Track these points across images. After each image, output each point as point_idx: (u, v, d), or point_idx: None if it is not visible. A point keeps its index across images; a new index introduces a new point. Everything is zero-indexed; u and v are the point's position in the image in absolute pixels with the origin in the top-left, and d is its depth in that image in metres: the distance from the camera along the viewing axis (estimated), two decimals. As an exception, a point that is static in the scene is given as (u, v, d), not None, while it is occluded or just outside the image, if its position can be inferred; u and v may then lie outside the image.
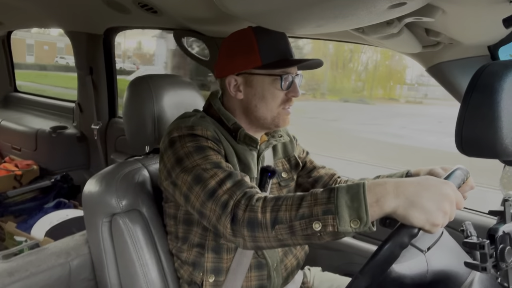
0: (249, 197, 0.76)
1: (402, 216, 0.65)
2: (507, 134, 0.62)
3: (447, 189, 0.66)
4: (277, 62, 0.95)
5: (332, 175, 1.21)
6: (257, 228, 0.73)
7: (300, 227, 0.70)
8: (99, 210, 1.06)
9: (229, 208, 0.76)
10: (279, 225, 0.71)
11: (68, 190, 2.39)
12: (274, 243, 0.74)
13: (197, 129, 0.91)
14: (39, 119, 2.71)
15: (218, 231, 0.79)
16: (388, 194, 0.66)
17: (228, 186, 0.79)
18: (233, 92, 0.99)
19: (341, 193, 0.68)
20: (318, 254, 1.50)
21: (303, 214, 0.69)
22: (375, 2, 0.71)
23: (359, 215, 0.66)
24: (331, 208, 0.67)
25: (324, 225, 0.68)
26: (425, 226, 0.65)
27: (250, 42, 0.96)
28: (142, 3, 1.47)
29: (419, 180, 0.68)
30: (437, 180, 0.68)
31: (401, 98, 10.96)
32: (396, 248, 0.65)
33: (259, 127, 1.02)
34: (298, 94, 0.98)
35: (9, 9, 2.19)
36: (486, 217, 1.26)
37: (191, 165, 0.85)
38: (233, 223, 0.75)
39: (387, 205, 0.66)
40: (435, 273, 0.79)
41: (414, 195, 0.65)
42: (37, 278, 1.06)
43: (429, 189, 0.66)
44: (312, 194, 0.72)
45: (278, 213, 0.72)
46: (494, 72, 0.63)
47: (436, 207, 0.64)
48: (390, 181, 0.68)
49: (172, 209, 1.01)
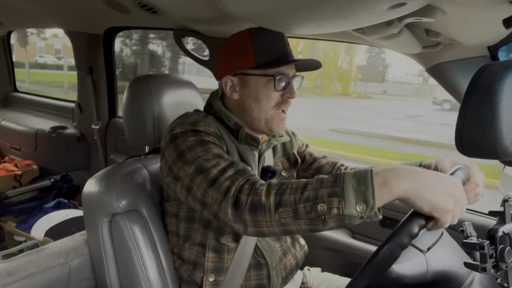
0: (253, 182, 0.76)
1: (412, 200, 0.65)
2: (507, 135, 0.62)
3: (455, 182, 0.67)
4: (271, 62, 0.95)
5: (334, 163, 1.20)
6: (260, 212, 0.72)
7: (304, 210, 0.69)
8: (99, 210, 1.06)
9: (231, 193, 0.75)
10: (282, 208, 0.70)
11: (68, 190, 2.39)
12: (277, 228, 0.73)
13: (199, 125, 0.91)
14: (39, 119, 2.71)
15: (219, 219, 0.78)
16: (398, 177, 0.66)
17: (230, 174, 0.79)
18: (229, 93, 1.00)
19: (348, 177, 0.68)
20: (317, 255, 1.50)
21: (308, 197, 0.69)
22: (375, 2, 0.71)
23: (366, 198, 0.65)
24: (336, 190, 0.67)
25: (329, 207, 0.66)
26: (435, 211, 0.64)
27: (245, 43, 0.96)
28: (142, 3, 1.47)
29: (428, 170, 0.69)
30: (446, 174, 0.70)
31: (355, 93, 11.77)
32: (397, 248, 0.64)
33: (255, 129, 1.01)
34: (294, 96, 0.98)
35: (9, 9, 2.18)
36: (486, 218, 1.26)
37: (192, 157, 0.85)
38: (235, 208, 0.74)
39: (396, 187, 0.65)
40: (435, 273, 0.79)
41: (426, 178, 0.65)
42: (37, 278, 1.06)
43: (439, 176, 0.67)
44: (318, 178, 0.71)
45: (282, 196, 0.71)
46: (494, 72, 0.63)
47: (448, 191, 0.65)
48: (401, 166, 0.68)
49: (174, 207, 1.01)
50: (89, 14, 1.93)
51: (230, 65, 0.99)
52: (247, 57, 0.95)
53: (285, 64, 0.96)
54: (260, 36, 0.96)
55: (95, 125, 2.27)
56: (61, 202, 2.25)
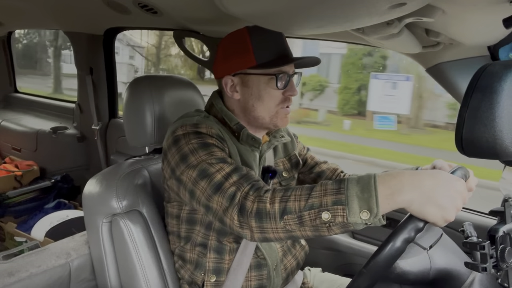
0: (257, 189, 0.76)
1: (417, 211, 0.65)
2: (507, 135, 0.62)
3: (461, 186, 0.67)
4: (272, 61, 0.94)
5: (335, 169, 1.20)
6: (266, 219, 0.72)
7: (309, 217, 0.69)
8: (99, 211, 1.06)
9: (237, 200, 0.76)
10: (287, 215, 0.71)
11: (68, 190, 2.39)
12: (282, 235, 0.73)
13: (201, 127, 0.91)
14: (39, 119, 2.71)
15: (224, 224, 0.79)
16: (403, 188, 0.66)
17: (235, 179, 0.79)
18: (229, 93, 0.99)
19: (352, 184, 0.68)
20: (318, 255, 1.50)
21: (313, 205, 0.69)
22: (375, 2, 0.71)
23: (370, 206, 0.65)
24: (341, 198, 0.67)
25: (334, 216, 0.67)
26: (438, 221, 0.65)
27: (244, 42, 0.95)
28: (142, 3, 1.47)
29: (434, 174, 0.68)
30: (450, 176, 0.69)
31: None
32: (402, 242, 0.65)
33: (258, 127, 1.01)
34: (295, 93, 0.98)
35: (9, 10, 2.19)
36: (486, 218, 1.26)
37: (196, 161, 0.84)
38: (241, 214, 0.75)
39: (401, 199, 0.65)
40: (438, 271, 0.79)
41: (430, 190, 0.65)
42: (37, 279, 1.06)
43: (444, 184, 0.66)
44: (322, 184, 0.71)
45: (287, 204, 0.71)
46: (494, 72, 0.63)
47: (451, 204, 0.65)
48: (405, 174, 0.68)
49: (175, 208, 1.01)
50: (89, 15, 1.93)
51: (229, 65, 0.98)
52: (247, 57, 0.94)
53: (287, 63, 0.96)
54: (259, 34, 0.96)
55: (95, 126, 2.27)
56: (62, 202, 2.26)
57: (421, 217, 0.65)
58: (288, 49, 0.99)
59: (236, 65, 0.97)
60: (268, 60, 0.94)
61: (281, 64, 0.95)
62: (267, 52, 0.95)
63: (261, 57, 0.94)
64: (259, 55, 0.94)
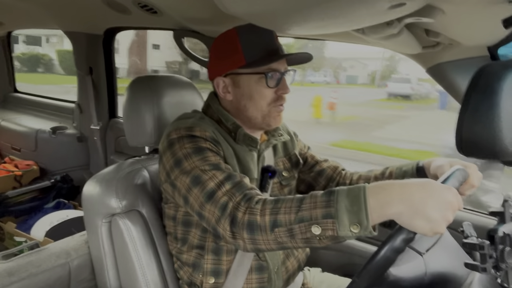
0: (249, 199, 0.76)
1: (405, 224, 0.65)
2: (507, 135, 0.62)
3: (451, 197, 0.65)
4: (261, 59, 0.93)
5: (336, 167, 1.18)
6: (257, 231, 0.72)
7: (299, 231, 0.69)
8: (99, 211, 1.06)
9: (228, 210, 0.76)
10: (278, 228, 0.71)
11: (68, 190, 2.39)
12: (274, 246, 0.73)
13: (195, 130, 0.90)
14: (39, 119, 2.71)
15: (218, 233, 0.79)
16: (392, 200, 0.65)
17: (227, 188, 0.79)
18: (222, 94, 0.99)
19: (341, 196, 0.67)
20: (318, 255, 1.50)
21: (302, 218, 0.69)
22: (375, 2, 0.71)
23: (359, 219, 0.65)
24: (330, 212, 0.67)
25: (324, 229, 0.67)
26: (427, 234, 0.64)
27: (233, 42, 0.94)
28: (142, 3, 1.47)
29: (423, 185, 0.66)
30: (441, 186, 0.67)
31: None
32: (393, 252, 0.65)
33: (252, 127, 1.00)
34: (288, 91, 0.96)
35: (9, 9, 2.19)
36: (486, 218, 1.26)
37: (189, 166, 0.84)
38: (233, 225, 0.75)
39: (390, 212, 0.65)
40: (433, 275, 0.79)
41: (419, 202, 0.64)
42: (37, 279, 1.06)
43: (434, 196, 0.64)
44: (312, 196, 0.71)
45: (277, 216, 0.71)
46: (493, 72, 0.63)
47: (441, 216, 0.63)
48: (394, 185, 0.67)
49: (172, 210, 1.01)
50: (89, 15, 1.93)
51: (220, 66, 0.97)
52: (236, 56, 0.94)
53: (275, 60, 0.94)
54: (248, 33, 0.95)
55: (95, 126, 2.27)
56: (61, 202, 2.25)
57: (410, 229, 0.65)
58: (279, 46, 0.98)
59: (226, 65, 0.96)
60: (257, 58, 0.93)
61: (270, 61, 0.93)
62: (256, 51, 0.94)
63: (250, 56, 0.93)
64: (248, 54, 0.93)
